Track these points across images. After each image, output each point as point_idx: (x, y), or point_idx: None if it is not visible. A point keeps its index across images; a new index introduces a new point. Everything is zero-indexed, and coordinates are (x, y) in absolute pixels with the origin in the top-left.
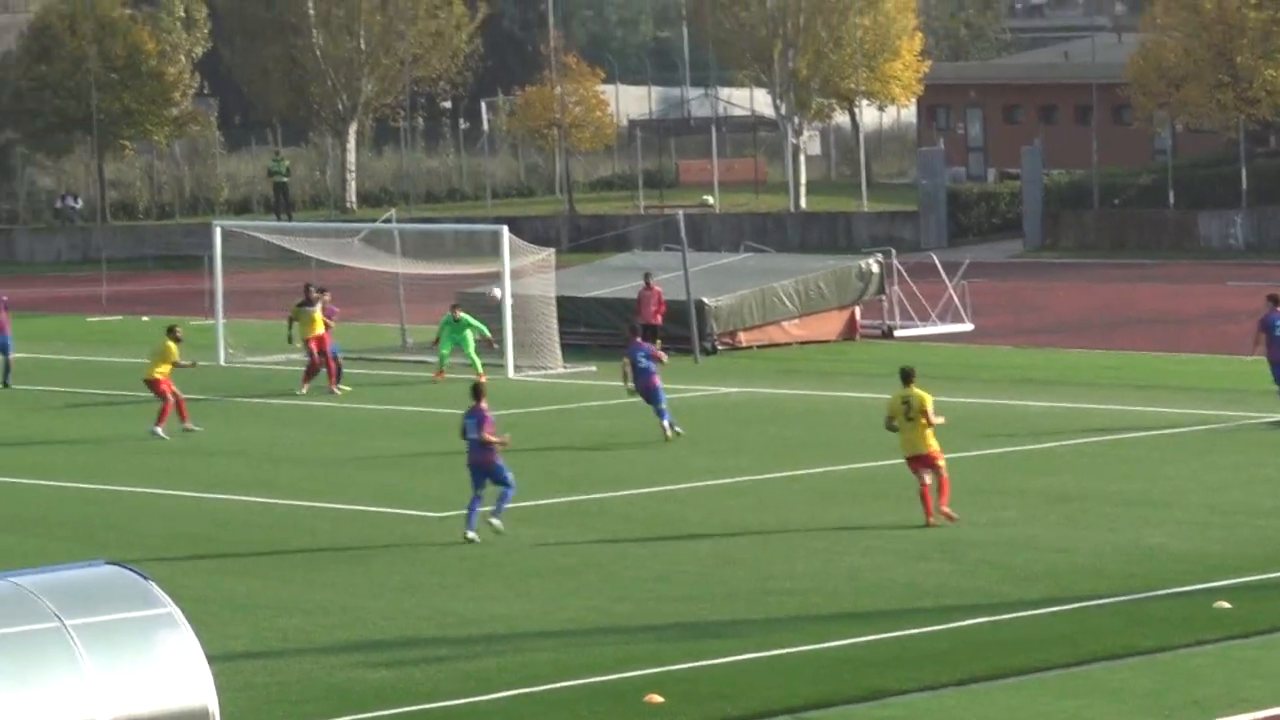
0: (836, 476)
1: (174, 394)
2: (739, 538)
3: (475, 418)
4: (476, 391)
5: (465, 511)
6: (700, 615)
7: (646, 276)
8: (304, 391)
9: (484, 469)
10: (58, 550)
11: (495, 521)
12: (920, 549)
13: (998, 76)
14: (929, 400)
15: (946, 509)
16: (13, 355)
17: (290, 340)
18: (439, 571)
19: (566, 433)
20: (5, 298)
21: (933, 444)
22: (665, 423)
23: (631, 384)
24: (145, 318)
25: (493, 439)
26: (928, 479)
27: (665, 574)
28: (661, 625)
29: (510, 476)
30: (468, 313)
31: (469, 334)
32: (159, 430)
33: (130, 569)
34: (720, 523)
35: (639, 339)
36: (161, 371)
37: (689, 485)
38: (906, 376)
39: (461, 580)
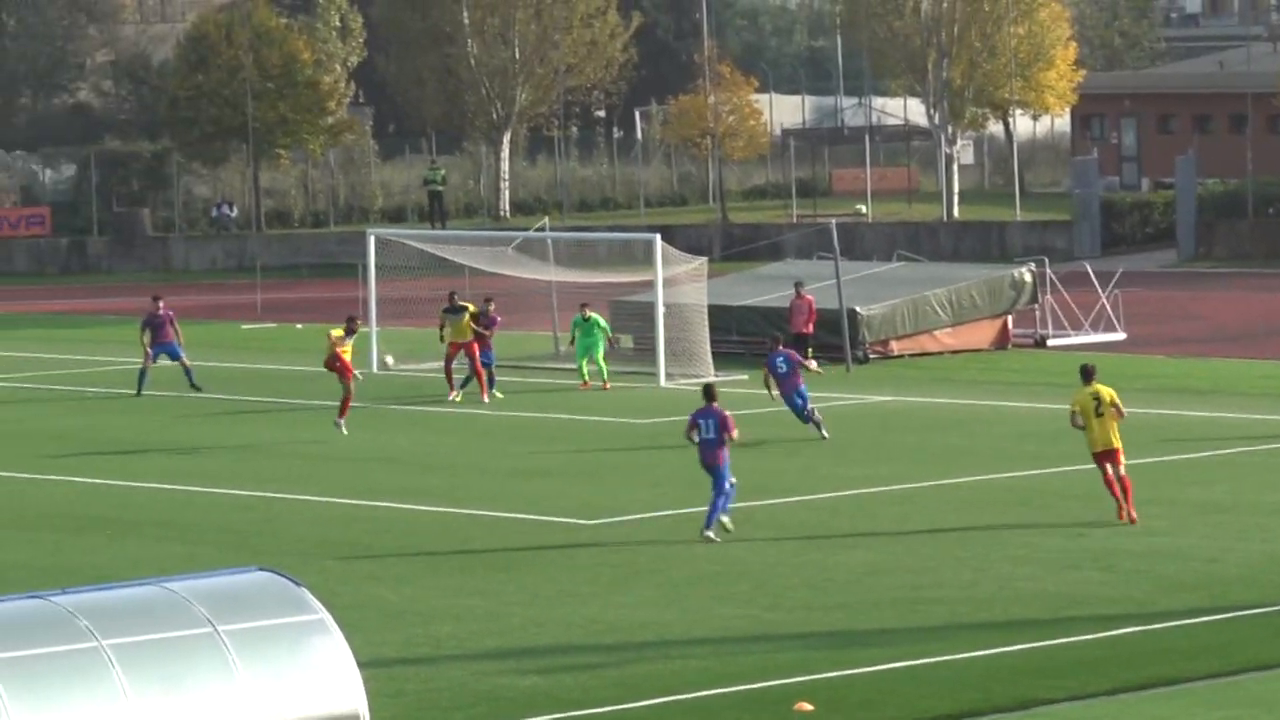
0: (987, 485)
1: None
2: (889, 546)
3: (715, 418)
4: (710, 393)
5: (706, 510)
6: (850, 624)
7: (798, 285)
8: (455, 399)
9: (718, 468)
10: (211, 556)
11: (725, 520)
12: (1071, 558)
13: (1152, 86)
14: (1116, 395)
15: (1133, 511)
16: (185, 357)
17: (443, 340)
18: (590, 579)
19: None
20: (170, 312)
21: (1119, 439)
22: (813, 423)
23: (775, 391)
24: (299, 325)
25: (735, 437)
26: (1111, 471)
27: (815, 582)
28: (811, 633)
29: (731, 478)
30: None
31: (599, 336)
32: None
33: (283, 575)
34: (870, 531)
35: (781, 346)
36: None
37: (839, 493)
38: (1088, 374)
39: (612, 588)
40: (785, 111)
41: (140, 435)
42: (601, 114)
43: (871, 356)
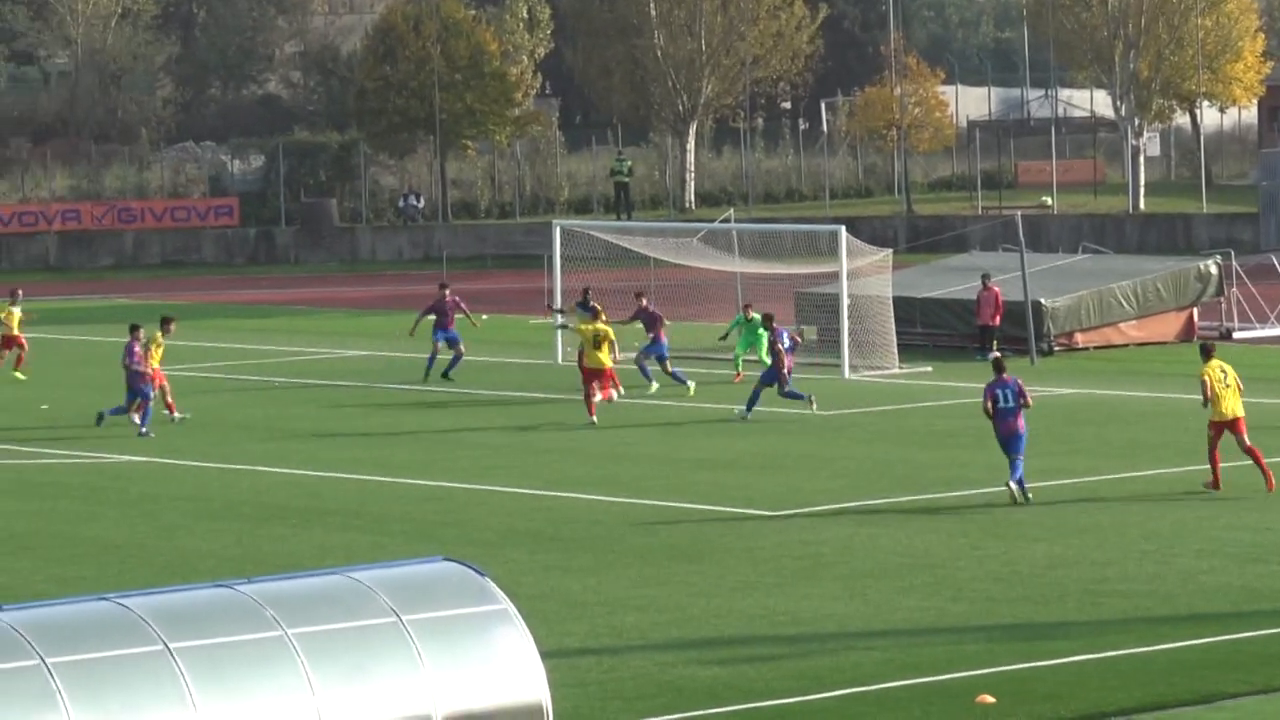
0: (1172, 479)
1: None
2: (1072, 539)
3: (1011, 388)
4: (999, 365)
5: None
6: (1033, 616)
7: (984, 277)
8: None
9: (1017, 436)
10: (395, 546)
11: (1013, 486)
12: (1256, 552)
13: None
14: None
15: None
16: (461, 347)
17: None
18: (773, 570)
19: (900, 432)
20: (457, 298)
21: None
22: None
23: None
24: (484, 316)
25: (1030, 404)
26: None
27: (999, 575)
28: (994, 626)
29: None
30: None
31: (761, 338)
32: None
33: (467, 565)
34: (1054, 524)
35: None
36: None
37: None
38: (1208, 351)
39: (795, 579)
40: (971, 103)
41: (326, 425)
42: (787, 105)
43: (1056, 349)
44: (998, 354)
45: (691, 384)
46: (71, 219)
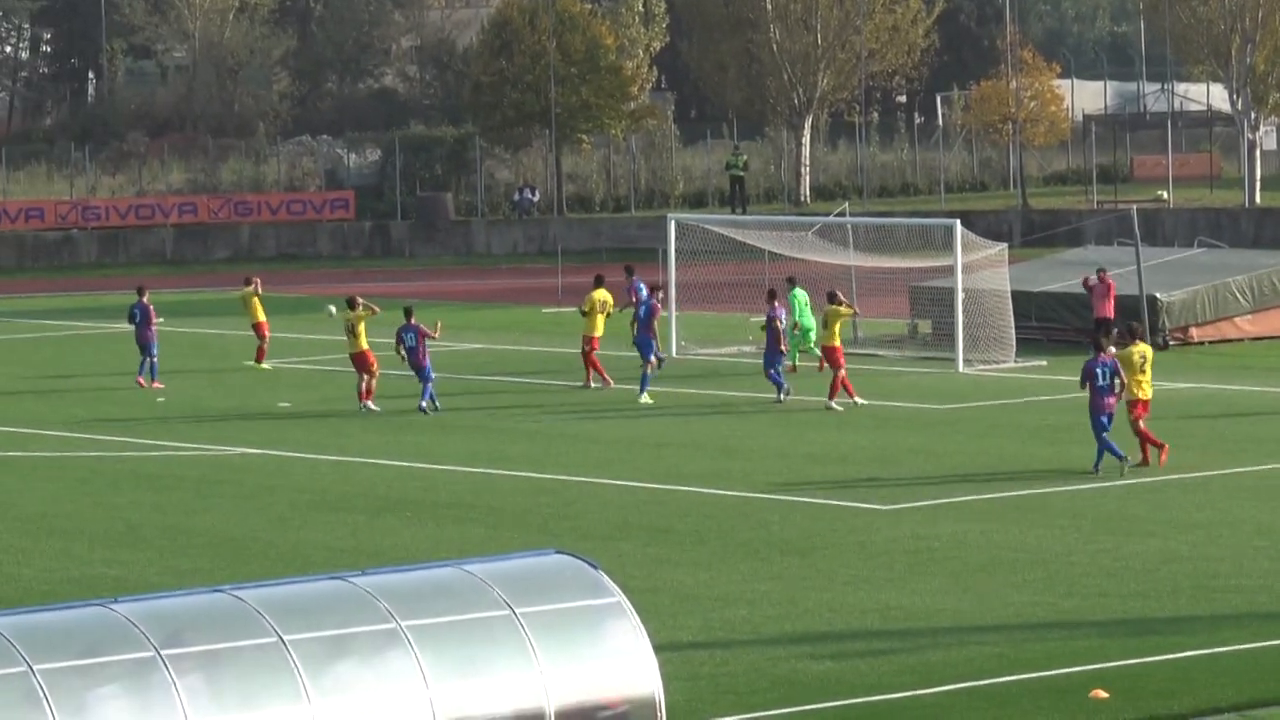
0: None
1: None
2: (1185, 534)
3: (1110, 366)
4: (1099, 343)
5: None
6: (1145, 612)
7: (1099, 271)
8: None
9: (1107, 416)
10: (509, 539)
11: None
12: None
13: None
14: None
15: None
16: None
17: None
18: (885, 565)
19: (1013, 426)
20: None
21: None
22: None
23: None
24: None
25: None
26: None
27: (1111, 569)
28: (1106, 621)
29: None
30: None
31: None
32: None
33: (580, 558)
34: (1166, 519)
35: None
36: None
37: (1132, 481)
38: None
39: (907, 574)
40: (1086, 97)
41: (441, 418)
42: (902, 99)
43: (1171, 343)
44: (1110, 332)
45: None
46: (188, 212)
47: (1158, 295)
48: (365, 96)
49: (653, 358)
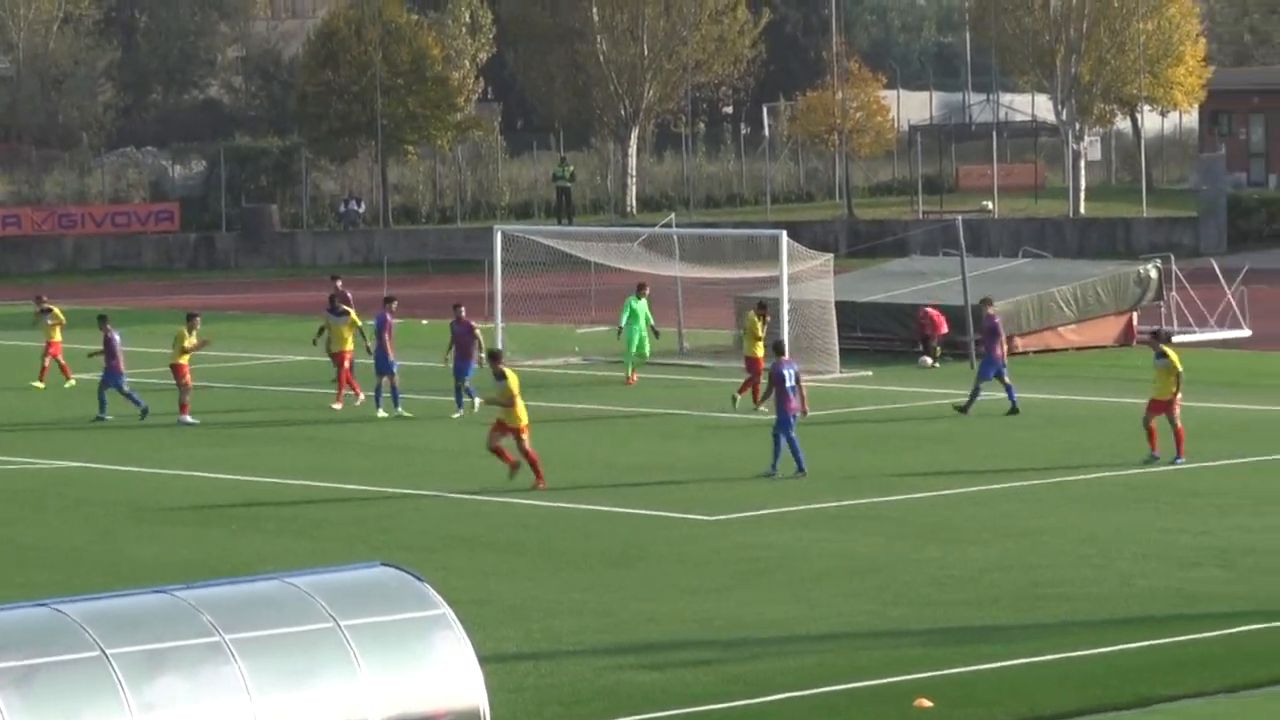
0: (1109, 482)
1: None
2: (1011, 542)
3: (795, 369)
4: (780, 347)
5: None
6: (971, 620)
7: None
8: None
9: (793, 417)
10: (334, 552)
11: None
12: (1193, 555)
13: None
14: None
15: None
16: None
17: (315, 344)
18: (711, 575)
19: (840, 436)
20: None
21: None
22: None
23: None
24: (425, 321)
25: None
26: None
27: (938, 578)
28: (932, 630)
29: None
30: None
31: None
32: (188, 419)
33: (405, 570)
34: (993, 527)
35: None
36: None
37: (962, 490)
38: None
39: (733, 583)
40: (912, 108)
41: (266, 431)
42: (729, 110)
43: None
44: (781, 338)
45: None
46: (12, 224)
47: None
48: (190, 107)
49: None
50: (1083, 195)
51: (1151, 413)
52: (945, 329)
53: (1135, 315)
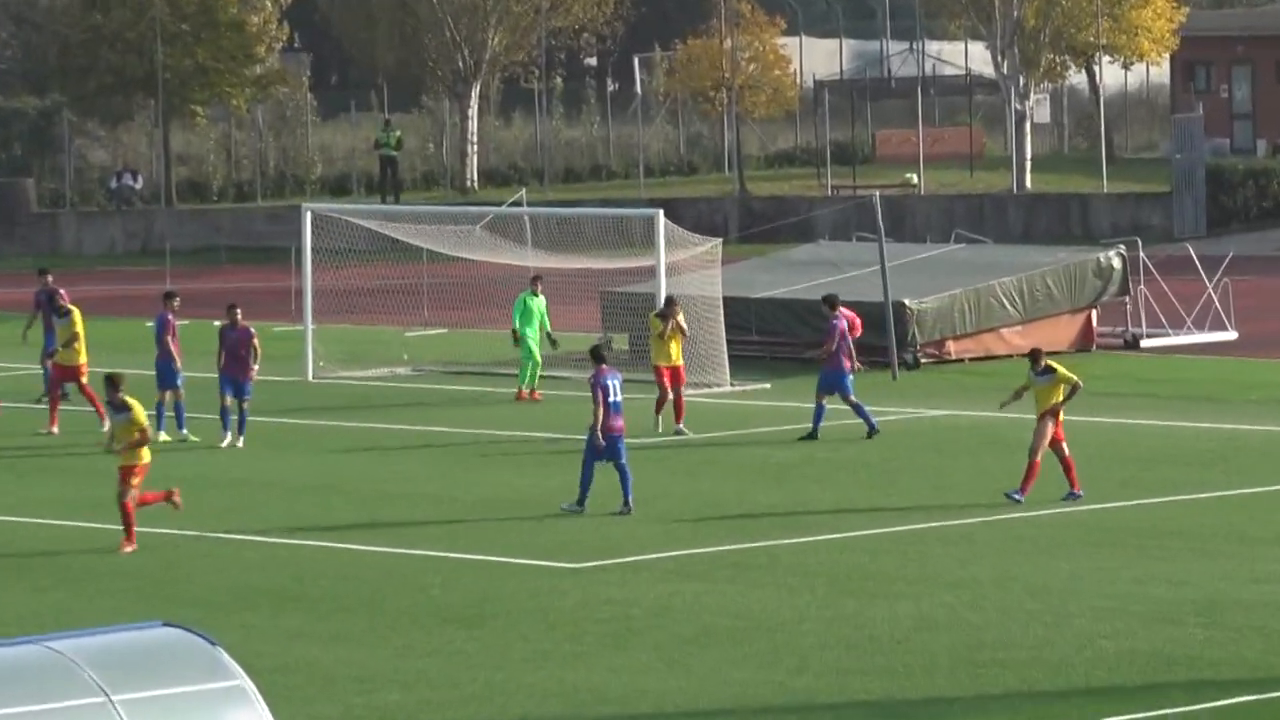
0: (1065, 520)
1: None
2: (943, 596)
3: (619, 380)
4: (599, 353)
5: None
6: (895, 691)
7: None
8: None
9: (621, 438)
10: (104, 608)
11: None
12: (1168, 611)
13: (1272, 27)
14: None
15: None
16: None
17: (24, 339)
18: (574, 636)
19: (731, 464)
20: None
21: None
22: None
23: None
24: (217, 323)
25: None
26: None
27: (853, 640)
28: (847, 704)
29: None
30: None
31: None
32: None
33: (193, 632)
34: (920, 577)
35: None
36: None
37: (881, 530)
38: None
39: (601, 648)
40: (818, 59)
41: (12, 461)
42: (592, 63)
43: (923, 360)
44: (599, 344)
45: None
46: None
47: (906, 302)
48: None
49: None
50: (1029, 166)
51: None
52: (859, 330)
53: (1095, 314)
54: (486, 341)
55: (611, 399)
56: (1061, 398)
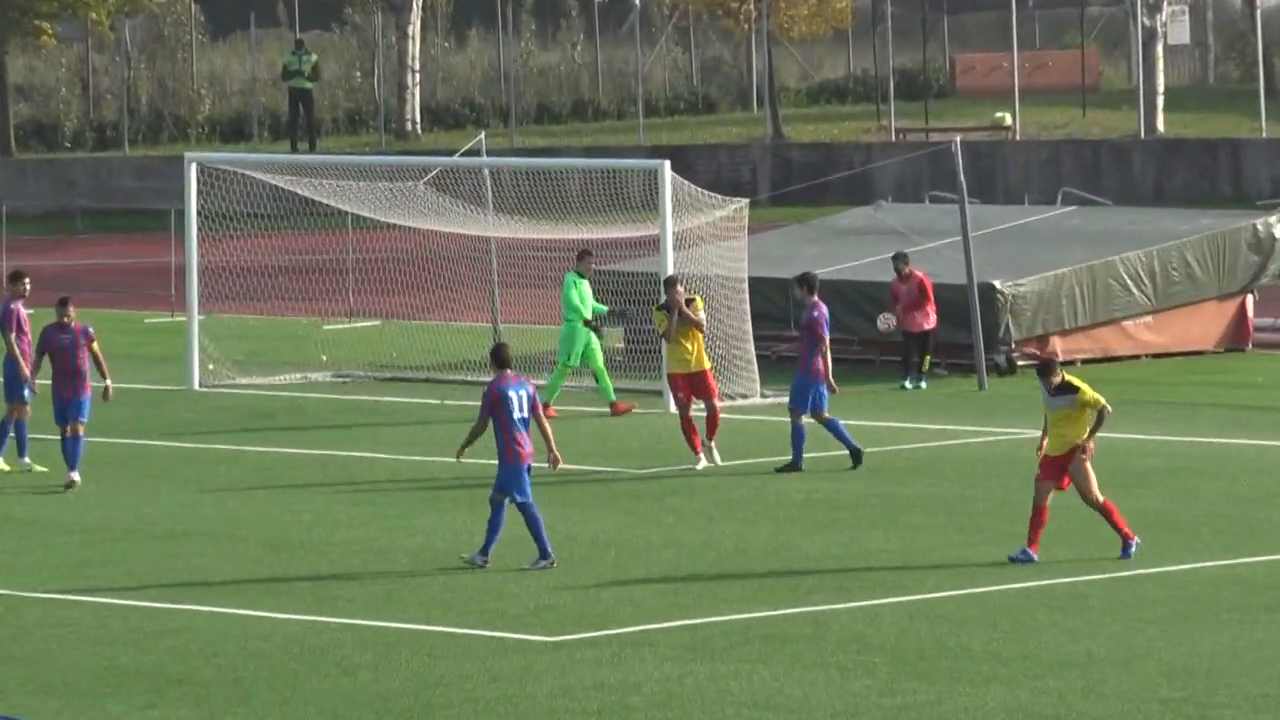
0: (1210, 579)
1: None
2: (1048, 680)
3: (526, 390)
4: (500, 357)
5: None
6: None
7: (899, 259)
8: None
9: (526, 468)
10: None
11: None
12: None
13: None
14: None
15: None
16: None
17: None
18: None
19: (762, 504)
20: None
21: None
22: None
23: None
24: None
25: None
26: None
27: None
28: None
29: None
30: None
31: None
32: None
33: None
34: (1018, 655)
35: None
36: None
37: (963, 591)
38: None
39: None
40: None
41: None
42: None
43: (1020, 363)
44: (503, 343)
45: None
46: None
47: (997, 285)
48: None
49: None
50: (1160, 103)
51: (1047, 477)
52: (933, 321)
53: (1251, 300)
54: (433, 338)
55: (516, 415)
56: (1087, 431)
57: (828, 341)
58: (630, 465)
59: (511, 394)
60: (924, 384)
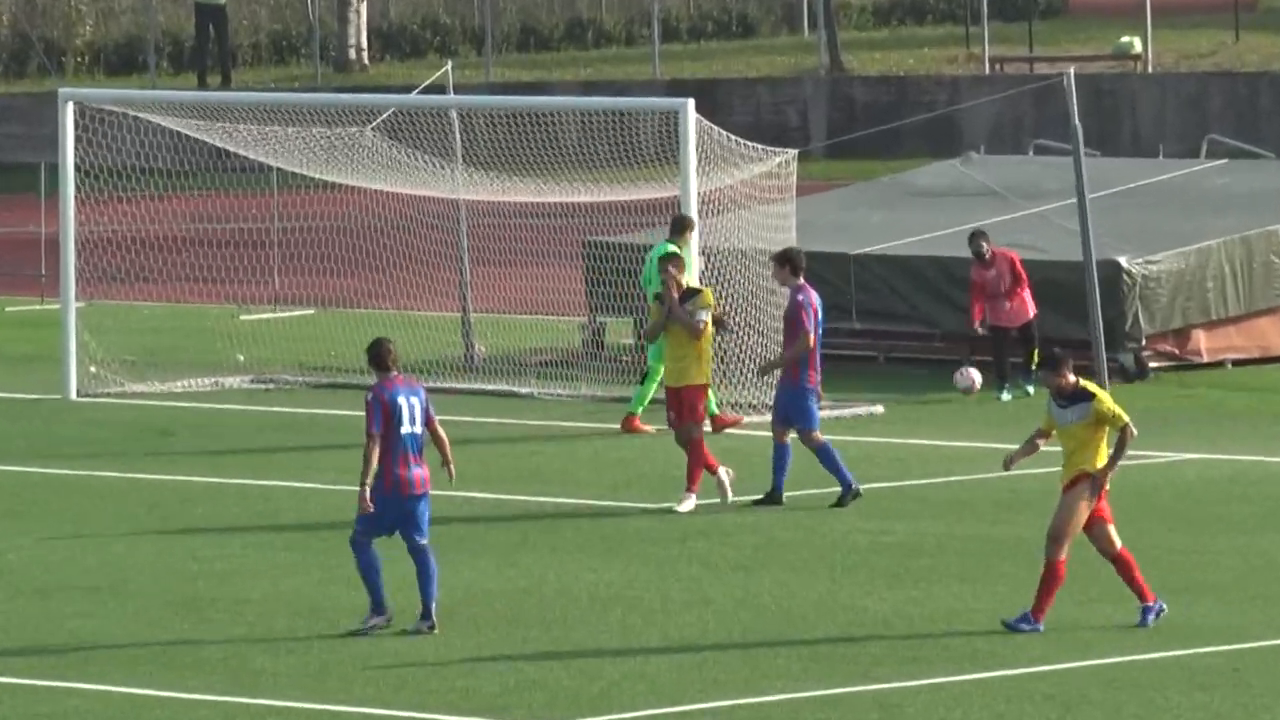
0: None
1: None
2: None
3: (420, 397)
4: (380, 357)
5: None
6: None
7: (977, 237)
8: None
9: (423, 494)
10: None
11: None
12: None
13: None
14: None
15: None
16: None
17: None
18: None
19: (813, 550)
20: None
21: None
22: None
23: None
24: None
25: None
26: None
27: None
28: None
29: None
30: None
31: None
32: None
33: None
34: (1140, 712)
35: None
36: None
37: (1076, 664)
38: None
39: None
40: None
41: None
42: None
43: (1155, 365)
44: (383, 338)
45: None
46: None
47: (1123, 263)
48: None
49: None
50: None
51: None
52: (1033, 310)
53: None
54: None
55: (405, 430)
56: (1104, 457)
57: (813, 336)
58: (643, 498)
59: (402, 401)
60: (1031, 389)
